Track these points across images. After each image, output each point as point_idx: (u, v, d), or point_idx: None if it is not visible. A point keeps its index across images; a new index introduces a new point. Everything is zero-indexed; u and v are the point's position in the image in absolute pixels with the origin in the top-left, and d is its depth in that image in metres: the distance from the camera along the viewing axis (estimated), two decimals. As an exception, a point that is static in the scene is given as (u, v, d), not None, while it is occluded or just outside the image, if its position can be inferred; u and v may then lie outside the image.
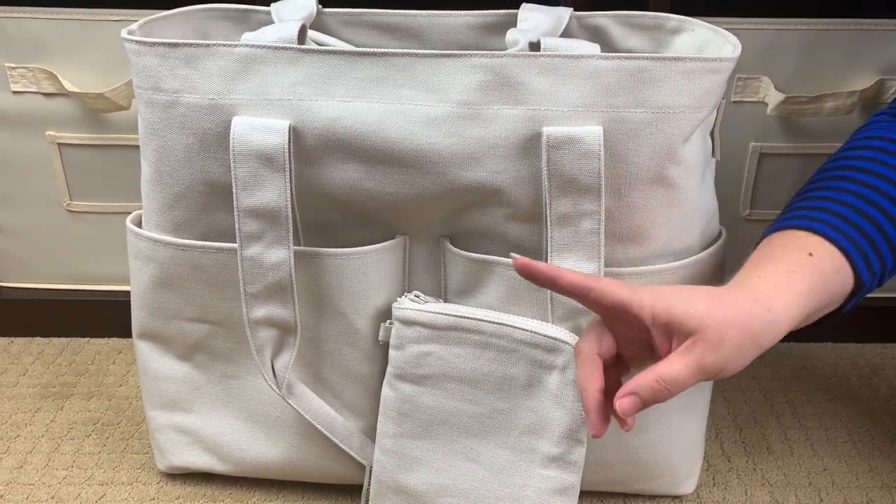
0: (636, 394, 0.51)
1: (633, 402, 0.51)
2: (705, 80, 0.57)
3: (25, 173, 0.90)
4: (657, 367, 0.50)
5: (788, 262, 0.54)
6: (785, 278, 0.53)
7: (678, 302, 0.51)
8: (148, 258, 0.66)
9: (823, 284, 0.54)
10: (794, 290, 0.53)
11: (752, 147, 0.87)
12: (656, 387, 0.50)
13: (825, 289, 0.54)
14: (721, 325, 0.50)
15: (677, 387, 0.50)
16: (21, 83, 0.86)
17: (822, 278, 0.54)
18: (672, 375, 0.50)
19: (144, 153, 0.63)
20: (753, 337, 0.51)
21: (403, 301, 0.64)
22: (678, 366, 0.50)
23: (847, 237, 0.55)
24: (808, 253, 0.55)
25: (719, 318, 0.50)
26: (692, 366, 0.50)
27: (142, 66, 0.60)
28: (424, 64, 0.58)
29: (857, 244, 0.55)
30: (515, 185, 0.59)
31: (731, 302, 0.51)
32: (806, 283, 0.53)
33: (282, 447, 0.70)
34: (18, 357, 0.93)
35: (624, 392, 0.51)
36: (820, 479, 0.75)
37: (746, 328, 0.51)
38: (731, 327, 0.50)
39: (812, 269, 0.54)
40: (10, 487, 0.73)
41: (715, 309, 0.50)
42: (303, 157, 0.60)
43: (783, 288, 0.53)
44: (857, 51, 0.82)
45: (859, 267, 0.55)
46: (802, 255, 0.55)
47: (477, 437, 0.63)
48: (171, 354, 0.70)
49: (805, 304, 0.53)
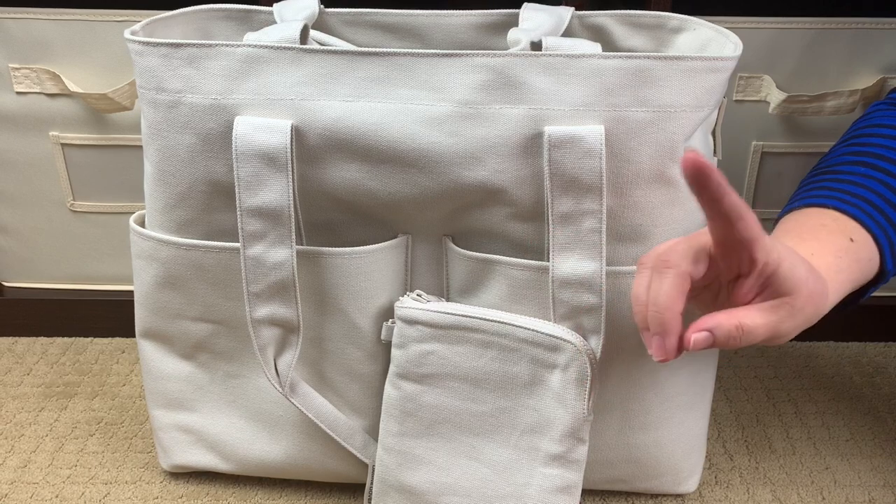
0: (712, 332, 0.49)
1: (706, 338, 0.49)
2: (707, 79, 0.57)
3: (29, 173, 0.90)
4: (738, 314, 0.49)
5: (835, 245, 0.54)
6: (834, 263, 0.53)
7: (788, 258, 0.50)
8: (151, 258, 0.66)
9: (860, 272, 0.55)
10: (841, 276, 0.53)
11: (753, 146, 0.87)
12: (734, 333, 0.49)
13: (859, 276, 0.55)
14: (810, 294, 0.50)
15: (750, 339, 0.49)
16: (24, 83, 0.86)
17: (860, 266, 0.55)
18: (751, 327, 0.49)
19: (147, 153, 0.64)
20: (815, 315, 0.51)
21: (405, 300, 0.64)
22: (760, 320, 0.49)
23: (879, 226, 0.56)
24: (850, 238, 0.55)
25: (811, 289, 0.50)
26: (771, 324, 0.49)
27: (144, 66, 0.60)
28: (426, 63, 0.58)
29: (887, 233, 0.56)
30: (517, 184, 0.59)
31: (818, 278, 0.51)
32: (848, 272, 0.54)
33: (285, 446, 0.70)
34: (22, 357, 0.93)
35: (700, 327, 0.49)
36: (822, 478, 0.75)
37: (818, 305, 0.50)
38: (812, 300, 0.50)
39: (854, 256, 0.54)
40: (14, 486, 0.73)
41: (810, 278, 0.50)
42: (305, 156, 0.60)
43: (833, 273, 0.53)
44: (858, 50, 0.82)
45: (887, 257, 0.56)
46: (845, 241, 0.55)
47: (479, 435, 0.63)
48: (175, 354, 0.70)
49: (845, 291, 0.53)
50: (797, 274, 0.49)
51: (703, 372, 0.69)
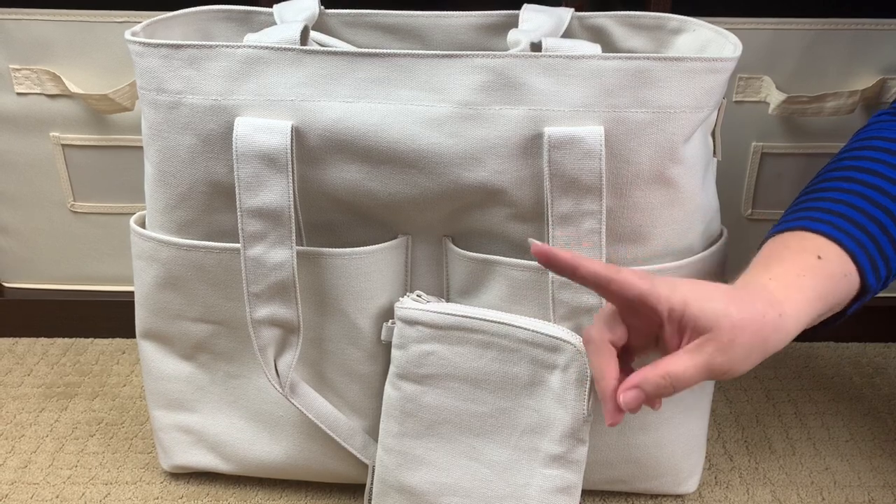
0: (640, 388, 0.50)
1: (636, 395, 0.50)
2: (706, 79, 0.57)
3: (29, 174, 0.90)
4: (664, 363, 0.50)
5: (798, 265, 0.53)
6: (795, 282, 0.52)
7: (695, 298, 0.50)
8: (151, 258, 0.66)
9: (832, 288, 0.53)
10: (805, 294, 0.52)
11: (753, 147, 0.87)
12: (662, 383, 0.50)
13: (833, 292, 0.53)
14: (735, 326, 0.49)
15: (682, 384, 0.50)
16: (25, 84, 0.86)
17: (832, 282, 0.53)
18: (678, 373, 0.49)
19: (148, 154, 0.64)
20: (764, 340, 0.50)
21: (405, 301, 0.64)
22: (686, 363, 0.50)
23: (854, 240, 0.55)
24: (818, 256, 0.54)
25: (734, 319, 0.49)
26: (700, 365, 0.49)
27: (145, 67, 0.60)
28: (426, 64, 0.58)
29: (864, 247, 0.55)
30: (517, 184, 0.59)
31: (748, 303, 0.50)
32: (816, 289, 0.52)
33: (285, 446, 0.70)
34: (23, 357, 0.93)
35: (628, 385, 0.51)
36: (822, 478, 0.75)
37: (759, 332, 0.50)
38: (743, 329, 0.49)
39: (821, 273, 0.53)
40: (14, 487, 0.74)
41: (730, 308, 0.50)
42: (305, 157, 0.60)
43: (794, 292, 0.52)
44: (858, 50, 0.83)
45: (866, 270, 0.54)
46: (812, 258, 0.54)
47: (479, 436, 0.63)
48: (175, 354, 0.70)
49: (814, 309, 0.52)
50: (710, 308, 0.49)
51: (703, 372, 0.69)
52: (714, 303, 0.50)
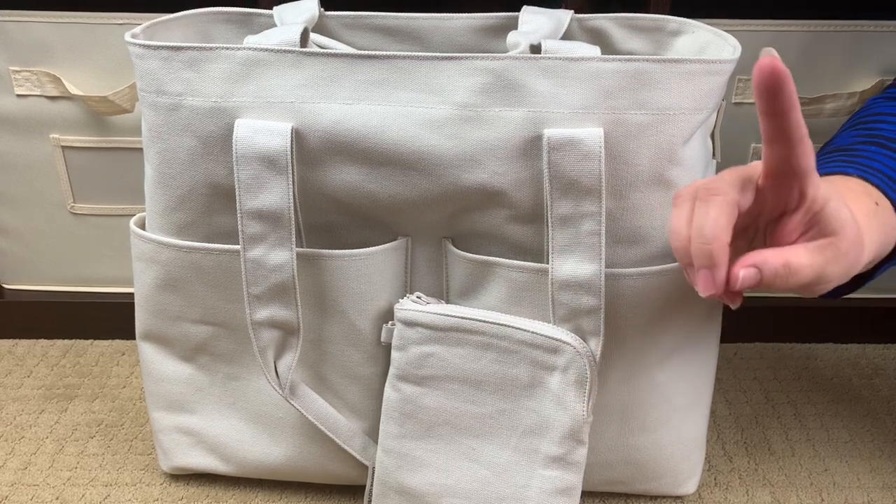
0: (759, 269, 0.47)
1: (753, 276, 0.47)
2: (705, 81, 0.58)
3: (29, 176, 0.91)
4: (786, 252, 0.47)
5: (865, 207, 0.53)
6: (865, 222, 0.52)
7: (834, 197, 0.48)
8: (151, 260, 0.66)
9: (885, 237, 0.54)
10: (871, 236, 0.52)
11: (753, 148, 0.88)
12: (781, 272, 0.47)
13: (885, 242, 0.54)
14: (853, 239, 0.48)
15: (797, 280, 0.47)
16: (25, 86, 0.86)
17: (884, 230, 0.54)
18: (799, 267, 0.47)
19: (148, 156, 0.64)
20: (855, 262, 0.49)
21: (405, 302, 0.64)
22: (807, 259, 0.47)
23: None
24: (875, 202, 0.54)
25: (854, 233, 0.48)
26: (818, 265, 0.47)
27: (145, 69, 0.60)
28: (426, 66, 0.58)
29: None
30: (516, 186, 0.59)
31: (862, 221, 0.50)
32: (877, 232, 0.53)
33: (285, 448, 0.70)
34: (23, 359, 0.93)
35: (747, 262, 0.47)
36: (821, 480, 0.75)
37: (858, 252, 0.49)
38: (854, 246, 0.48)
39: (880, 220, 0.54)
40: (14, 488, 0.74)
41: (853, 222, 0.48)
42: (305, 159, 0.60)
43: (866, 230, 0.51)
44: (857, 52, 0.83)
45: None
46: (871, 203, 0.54)
47: (479, 437, 0.63)
48: (175, 356, 0.70)
49: (874, 250, 0.52)
50: (843, 214, 0.48)
51: (702, 373, 0.69)
52: (845, 210, 0.48)
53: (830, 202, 0.48)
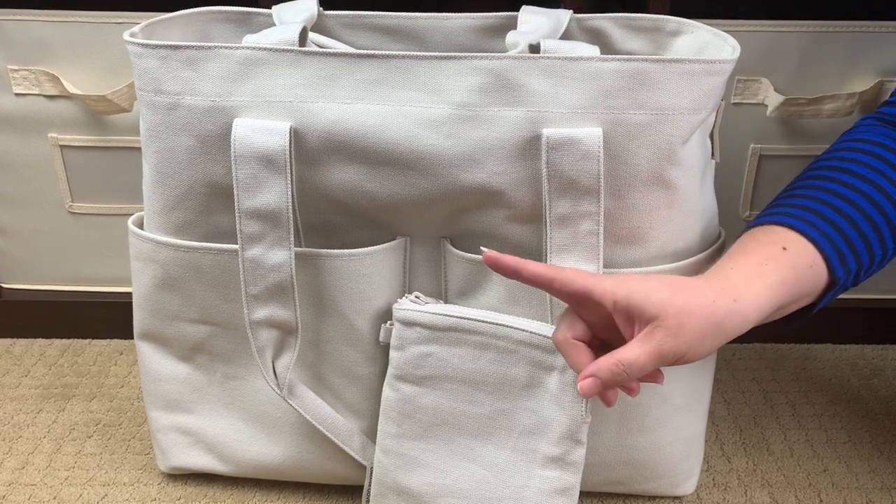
0: (595, 376, 0.52)
1: (593, 383, 0.52)
2: (704, 81, 0.57)
3: (27, 175, 0.90)
4: (617, 352, 0.52)
5: (762, 255, 0.55)
6: (756, 269, 0.54)
7: (639, 289, 0.52)
8: (149, 259, 0.66)
9: (796, 278, 0.55)
10: (766, 281, 0.54)
11: (751, 148, 0.87)
12: (615, 370, 0.52)
13: (798, 282, 0.55)
14: (681, 312, 0.51)
15: (636, 370, 0.52)
16: (23, 85, 0.86)
17: (795, 272, 0.55)
18: (630, 360, 0.51)
19: (146, 155, 0.64)
20: (717, 324, 0.52)
21: (404, 302, 0.64)
22: (637, 351, 0.52)
23: (822, 233, 0.56)
24: (783, 247, 0.56)
25: (679, 306, 0.51)
26: (650, 351, 0.51)
27: (143, 68, 0.60)
28: (425, 66, 0.58)
29: (832, 240, 0.56)
30: (515, 186, 0.59)
31: (696, 290, 0.52)
32: (778, 276, 0.54)
33: (283, 448, 0.70)
34: (20, 358, 0.93)
35: (584, 374, 0.53)
36: (820, 480, 0.75)
37: (709, 316, 0.52)
38: (691, 315, 0.51)
39: (785, 263, 0.55)
40: (11, 488, 0.73)
41: (676, 297, 0.52)
42: (304, 158, 0.60)
43: (754, 278, 0.54)
44: (856, 53, 0.83)
45: (833, 263, 0.56)
46: (776, 249, 0.56)
47: (477, 437, 0.63)
48: (173, 355, 0.70)
49: (775, 295, 0.54)
50: (655, 297, 0.51)
51: (701, 374, 0.69)
52: (659, 292, 0.52)
53: (633, 296, 0.52)
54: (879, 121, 0.64)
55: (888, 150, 0.60)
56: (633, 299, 0.52)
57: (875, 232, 0.58)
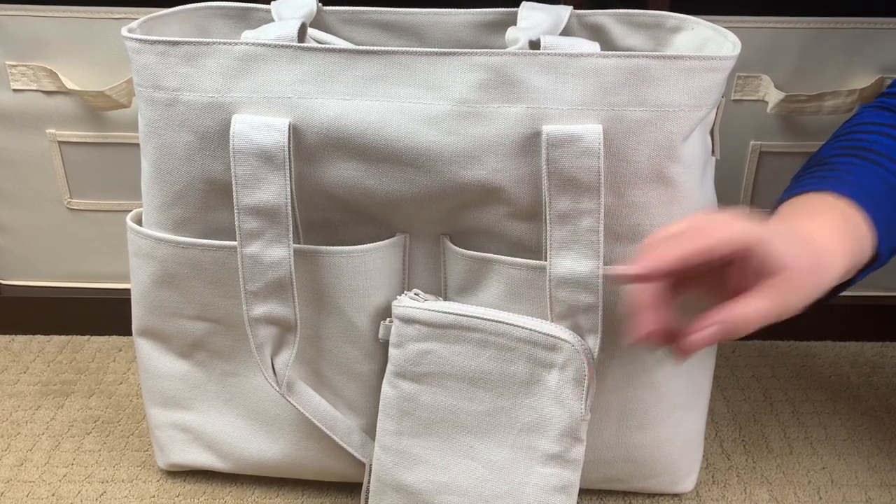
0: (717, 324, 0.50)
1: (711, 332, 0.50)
2: (705, 78, 0.57)
3: (26, 171, 0.90)
4: (737, 305, 0.50)
5: (833, 223, 0.56)
6: (832, 236, 0.54)
7: (770, 236, 0.50)
8: (148, 256, 0.66)
9: (857, 248, 0.56)
10: (841, 248, 0.54)
11: (752, 145, 0.87)
12: (736, 321, 0.50)
13: (858, 253, 0.56)
14: (801, 269, 0.51)
15: (755, 324, 0.50)
16: (21, 81, 0.86)
17: (857, 243, 0.56)
18: (752, 314, 0.50)
19: (145, 151, 0.64)
20: (817, 285, 0.52)
21: (403, 299, 0.64)
22: (759, 304, 0.50)
23: (872, 209, 0.57)
24: (845, 217, 0.57)
25: (801, 263, 0.51)
26: (772, 306, 0.50)
27: (142, 64, 0.60)
28: (424, 62, 0.58)
29: (880, 217, 0.58)
30: (515, 183, 0.59)
31: (810, 249, 0.52)
32: (847, 244, 0.55)
33: (282, 445, 0.70)
34: (19, 355, 0.93)
35: (703, 324, 0.50)
36: (819, 478, 0.75)
37: (817, 277, 0.52)
38: (808, 273, 0.51)
39: (850, 234, 0.56)
40: (10, 485, 0.73)
41: (797, 251, 0.51)
42: (303, 155, 0.60)
43: (835, 245, 0.54)
44: (856, 49, 0.83)
45: (882, 239, 0.57)
46: (840, 219, 0.56)
47: (477, 434, 0.63)
48: (172, 352, 0.70)
49: (846, 264, 0.55)
50: (782, 250, 0.50)
51: (701, 371, 0.69)
52: (782, 244, 0.50)
53: (766, 244, 0.50)
54: (880, 108, 0.64)
55: None
56: (766, 246, 0.50)
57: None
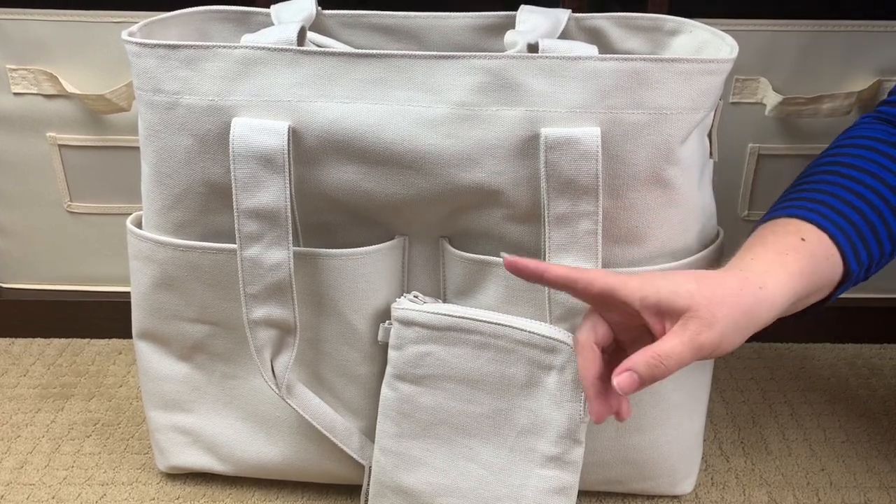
0: (632, 370, 0.51)
1: (629, 378, 0.51)
2: (703, 81, 0.57)
3: (26, 174, 0.90)
4: (653, 346, 0.51)
5: (781, 245, 0.56)
6: (777, 258, 0.54)
7: (666, 284, 0.52)
8: (148, 259, 0.66)
9: (814, 268, 0.55)
10: (787, 269, 0.54)
11: (750, 148, 0.87)
12: (653, 362, 0.50)
13: (816, 272, 0.55)
14: (711, 302, 0.51)
15: (674, 363, 0.50)
16: (22, 84, 0.86)
17: (814, 262, 0.55)
18: (667, 351, 0.50)
19: (145, 154, 0.64)
20: (747, 313, 0.52)
21: (402, 301, 0.64)
22: (673, 342, 0.50)
23: (836, 226, 0.57)
24: (801, 238, 0.56)
25: (708, 296, 0.51)
26: (687, 342, 0.50)
27: (142, 67, 0.60)
28: (423, 65, 0.58)
29: (846, 233, 0.57)
30: (514, 185, 0.59)
31: (721, 281, 0.52)
32: (798, 265, 0.54)
33: (281, 447, 0.70)
34: (19, 358, 0.93)
35: (621, 369, 0.51)
36: (818, 479, 0.75)
37: (738, 305, 0.51)
38: (721, 304, 0.51)
39: (804, 253, 0.55)
40: (10, 488, 0.73)
41: (704, 287, 0.51)
42: (302, 158, 0.60)
43: (776, 267, 0.54)
44: (854, 52, 0.83)
45: (848, 255, 0.56)
46: (795, 239, 0.56)
47: (476, 437, 0.63)
48: (171, 355, 0.70)
49: (797, 284, 0.54)
50: (684, 290, 0.51)
51: (700, 373, 0.69)
52: (686, 285, 0.51)
53: (660, 291, 0.51)
54: (878, 119, 0.64)
55: (889, 145, 0.61)
56: (662, 293, 0.51)
57: (884, 225, 0.58)
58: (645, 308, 0.52)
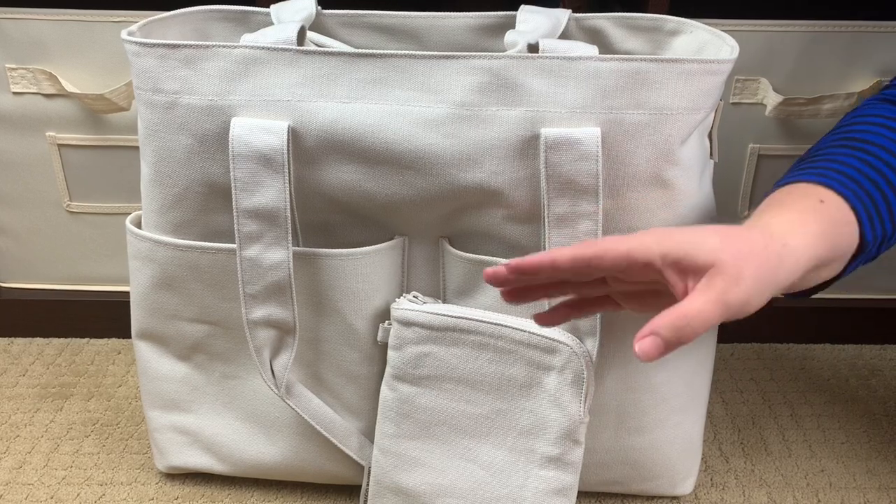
0: (656, 333, 0.46)
1: (653, 342, 0.46)
2: (703, 81, 0.57)
3: (25, 174, 0.90)
4: (678, 306, 0.47)
5: (801, 206, 0.54)
6: (798, 217, 0.52)
7: (687, 238, 0.49)
8: (147, 259, 0.66)
9: (834, 231, 0.54)
10: (808, 229, 0.52)
11: (750, 148, 0.87)
12: (679, 324, 0.46)
13: (835, 236, 0.54)
14: (737, 258, 0.48)
15: (701, 323, 0.47)
16: (21, 84, 0.86)
17: (833, 226, 0.54)
18: (694, 311, 0.46)
19: (144, 154, 0.64)
20: (772, 271, 0.49)
21: (402, 302, 0.64)
22: (699, 301, 0.47)
23: (854, 193, 0.55)
24: (820, 200, 0.54)
25: (734, 252, 0.48)
26: (714, 300, 0.47)
27: (141, 67, 0.60)
28: (423, 65, 0.58)
29: (863, 201, 0.55)
30: (514, 186, 0.59)
31: (745, 237, 0.50)
32: (819, 225, 0.52)
33: (281, 447, 0.70)
34: (18, 357, 0.93)
35: (643, 333, 0.47)
36: (818, 480, 0.75)
37: (764, 263, 0.49)
38: (747, 261, 0.48)
39: (824, 215, 0.54)
40: (9, 487, 0.73)
41: (728, 243, 0.48)
42: (302, 158, 0.60)
43: (797, 226, 0.52)
44: (854, 52, 0.83)
45: (865, 224, 0.55)
46: (814, 202, 0.54)
47: (475, 437, 0.63)
48: (171, 355, 0.70)
49: (818, 245, 0.52)
50: (707, 246, 0.48)
51: (699, 374, 0.69)
52: (709, 240, 0.48)
53: (684, 245, 0.48)
54: (884, 101, 0.64)
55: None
56: (684, 248, 0.48)
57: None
58: (667, 265, 0.48)
